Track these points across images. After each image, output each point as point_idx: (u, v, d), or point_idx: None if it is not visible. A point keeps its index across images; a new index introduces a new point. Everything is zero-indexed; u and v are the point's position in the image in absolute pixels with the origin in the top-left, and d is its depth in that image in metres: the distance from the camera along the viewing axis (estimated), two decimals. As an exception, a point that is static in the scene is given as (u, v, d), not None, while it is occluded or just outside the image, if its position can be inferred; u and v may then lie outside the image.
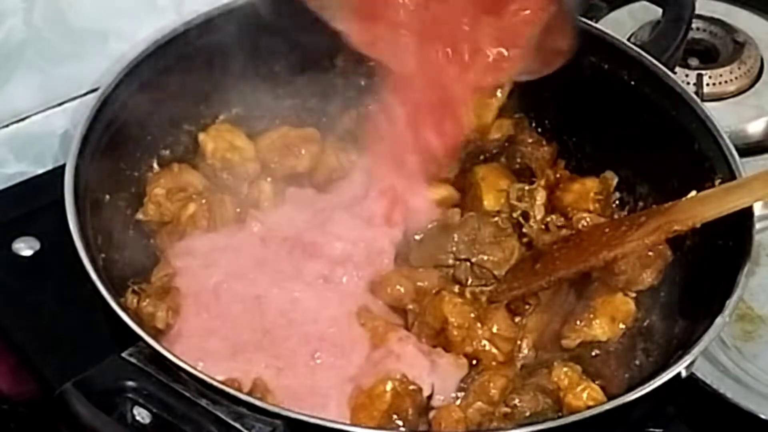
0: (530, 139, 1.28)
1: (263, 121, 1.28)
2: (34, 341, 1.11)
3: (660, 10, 1.30)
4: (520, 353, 1.11)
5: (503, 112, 1.28)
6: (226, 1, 1.22)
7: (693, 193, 1.09)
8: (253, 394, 0.98)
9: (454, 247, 1.16)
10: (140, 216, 1.18)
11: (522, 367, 1.10)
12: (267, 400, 0.98)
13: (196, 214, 1.16)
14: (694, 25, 1.51)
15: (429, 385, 1.05)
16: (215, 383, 0.92)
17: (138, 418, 0.92)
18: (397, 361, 1.05)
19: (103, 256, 1.07)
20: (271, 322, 1.08)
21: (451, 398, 1.06)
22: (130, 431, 0.91)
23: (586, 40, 1.16)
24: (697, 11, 1.34)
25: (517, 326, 1.11)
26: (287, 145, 1.24)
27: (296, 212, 1.18)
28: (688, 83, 1.40)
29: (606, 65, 1.21)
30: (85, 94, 1.26)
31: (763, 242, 1.27)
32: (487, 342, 1.09)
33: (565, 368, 1.06)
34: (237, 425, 0.90)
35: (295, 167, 1.24)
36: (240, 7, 1.22)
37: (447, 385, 1.06)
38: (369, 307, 1.11)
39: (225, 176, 1.22)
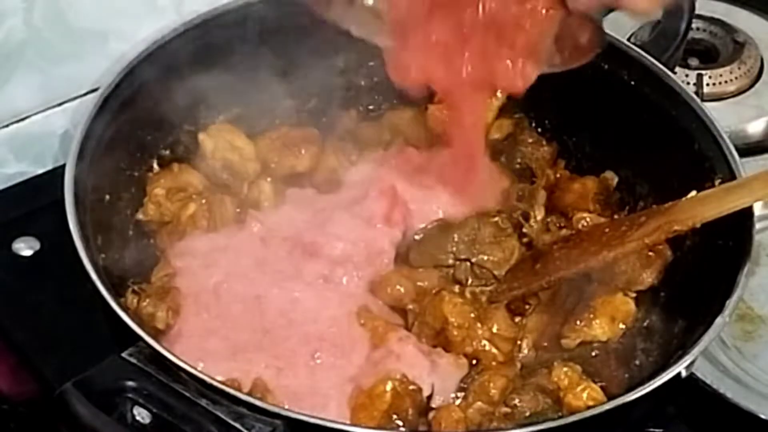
0: (530, 139, 1.28)
1: (263, 121, 1.28)
2: (34, 341, 1.11)
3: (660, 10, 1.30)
4: (520, 353, 1.11)
5: (503, 112, 1.28)
6: (226, 0, 1.22)
7: (693, 193, 1.09)
8: (253, 394, 0.98)
9: (454, 247, 1.16)
10: (140, 216, 1.18)
11: (522, 367, 1.10)
12: (267, 400, 0.98)
13: (196, 214, 1.16)
14: (694, 25, 1.51)
15: (429, 385, 1.05)
16: (215, 383, 0.92)
17: (138, 418, 0.92)
18: (397, 361, 1.05)
19: (103, 256, 1.07)
20: (271, 322, 1.08)
21: (451, 398, 1.06)
22: (130, 431, 0.91)
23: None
24: (697, 11, 1.34)
25: (517, 326, 1.11)
26: (287, 145, 1.24)
27: (296, 212, 1.18)
28: (688, 83, 1.40)
29: (606, 65, 1.21)
30: (85, 94, 1.26)
31: (763, 242, 1.27)
32: (487, 342, 1.09)
33: (565, 368, 1.06)
34: (237, 425, 0.90)
35: (295, 167, 1.24)
36: (240, 7, 1.22)
37: (447, 385, 1.06)
38: (369, 307, 1.11)
39: (225, 176, 1.22)
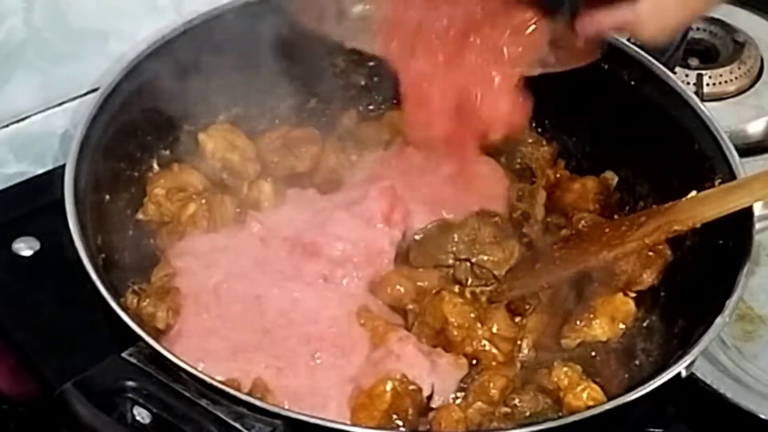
0: (530, 139, 1.28)
1: (263, 121, 1.28)
2: (34, 341, 1.11)
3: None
4: (520, 353, 1.11)
5: (503, 112, 1.28)
6: (225, 0, 1.22)
7: (693, 193, 1.09)
8: (253, 394, 0.98)
9: (454, 247, 1.16)
10: (140, 216, 1.18)
11: (522, 367, 1.10)
12: (267, 400, 0.98)
13: (196, 214, 1.16)
14: (694, 25, 1.51)
15: (429, 385, 1.05)
16: (215, 383, 0.92)
17: (138, 418, 0.92)
18: (397, 361, 1.05)
19: (103, 256, 1.07)
20: (271, 322, 1.08)
21: (451, 398, 1.06)
22: (130, 431, 0.91)
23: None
24: (698, 11, 1.34)
25: (517, 326, 1.11)
26: (287, 145, 1.24)
27: (296, 212, 1.18)
28: (688, 83, 1.40)
29: (606, 65, 1.21)
30: (85, 94, 1.26)
31: (763, 242, 1.27)
32: (487, 342, 1.09)
33: (565, 368, 1.06)
34: (237, 425, 0.90)
35: (295, 167, 1.24)
36: (240, 7, 1.22)
37: (447, 385, 1.06)
38: (369, 307, 1.11)
39: (225, 176, 1.22)
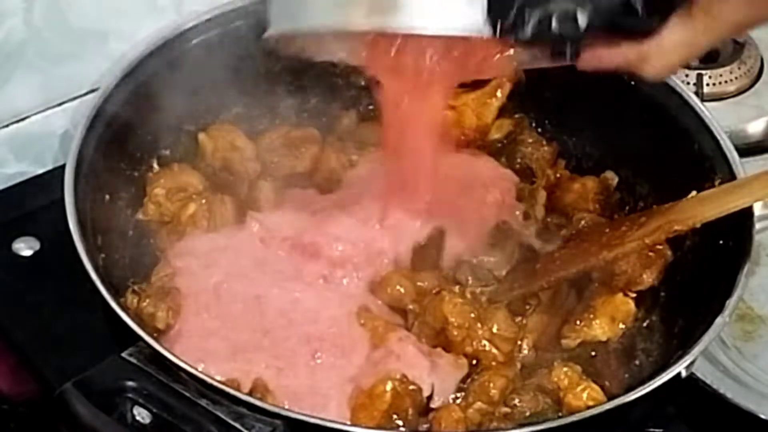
0: (530, 139, 1.28)
1: (263, 121, 1.28)
2: (34, 341, 1.11)
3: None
4: (520, 353, 1.11)
5: (503, 112, 1.28)
6: (226, 0, 1.22)
7: (693, 193, 1.09)
8: (253, 394, 0.98)
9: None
10: (140, 216, 1.18)
11: (522, 367, 1.10)
12: (267, 400, 0.98)
13: (196, 214, 1.16)
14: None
15: (429, 385, 1.05)
16: (215, 383, 0.92)
17: (138, 418, 0.92)
18: (397, 361, 1.05)
19: (103, 256, 1.07)
20: (271, 322, 1.08)
21: (450, 398, 1.06)
22: (130, 431, 0.91)
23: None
24: (698, 11, 1.34)
25: (517, 326, 1.11)
26: (287, 145, 1.24)
27: (296, 212, 1.18)
28: (688, 83, 1.40)
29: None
30: (85, 94, 1.26)
31: (763, 242, 1.27)
32: (487, 342, 1.09)
33: (565, 368, 1.06)
34: (237, 425, 0.90)
35: (295, 167, 1.24)
36: (240, 7, 1.22)
37: (447, 385, 1.06)
38: (369, 307, 1.11)
39: (225, 176, 1.22)
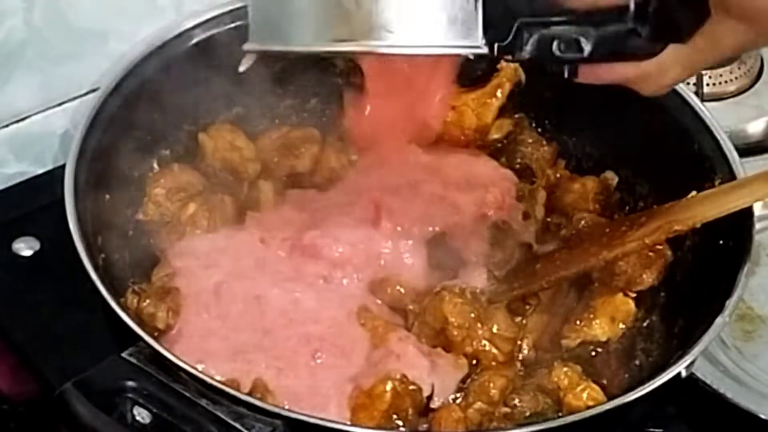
0: (530, 139, 1.28)
1: (263, 121, 1.28)
2: (34, 341, 1.11)
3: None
4: (520, 353, 1.11)
5: (503, 112, 1.28)
6: (225, 0, 1.22)
7: (693, 193, 1.09)
8: (253, 394, 0.98)
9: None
10: (140, 216, 1.18)
11: (522, 367, 1.10)
12: (267, 400, 0.98)
13: (196, 214, 1.16)
14: (694, 25, 1.51)
15: (429, 385, 1.05)
16: (215, 383, 0.92)
17: (138, 418, 0.92)
18: (397, 361, 1.05)
19: (103, 256, 1.07)
20: (271, 323, 1.08)
21: (450, 398, 1.06)
22: (130, 431, 0.91)
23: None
24: (698, 11, 1.34)
25: (517, 326, 1.11)
26: (287, 145, 1.24)
27: (296, 213, 1.18)
28: (688, 83, 1.40)
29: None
30: (85, 94, 1.26)
31: (763, 242, 1.27)
32: (487, 342, 1.09)
33: (565, 368, 1.06)
34: (237, 425, 0.90)
35: (295, 167, 1.24)
36: (240, 7, 1.22)
37: (447, 385, 1.06)
38: (369, 307, 1.11)
39: (225, 176, 1.22)
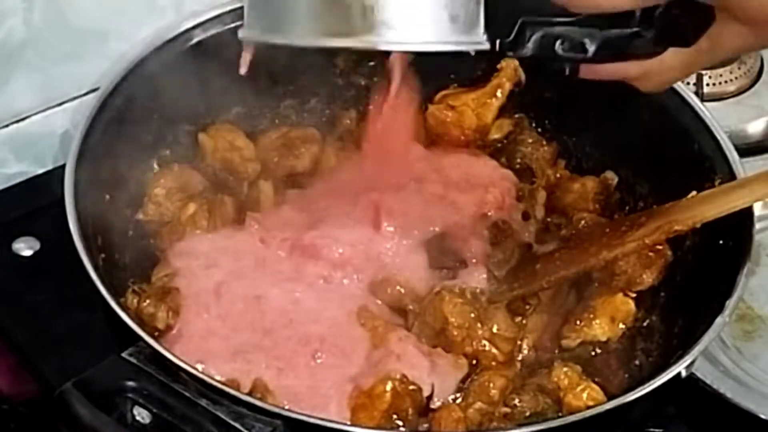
0: (530, 139, 1.28)
1: (263, 121, 1.28)
2: (34, 341, 1.11)
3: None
4: (520, 353, 1.11)
5: (503, 112, 1.28)
6: (225, 0, 1.22)
7: (693, 193, 1.09)
8: (253, 394, 0.98)
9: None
10: (140, 216, 1.18)
11: (522, 367, 1.10)
12: (267, 400, 0.98)
13: (196, 214, 1.16)
14: (694, 25, 1.51)
15: (429, 385, 1.05)
16: (215, 383, 0.92)
17: (138, 418, 0.92)
18: (397, 361, 1.05)
19: (103, 256, 1.07)
20: (271, 323, 1.08)
21: (450, 398, 1.06)
22: (130, 431, 0.91)
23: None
24: (698, 11, 1.34)
25: (517, 326, 1.11)
26: (287, 145, 1.24)
27: (296, 213, 1.18)
28: (688, 83, 1.40)
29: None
30: (85, 94, 1.26)
31: (763, 242, 1.27)
32: (487, 342, 1.09)
33: (565, 368, 1.06)
34: (237, 425, 0.90)
35: (295, 167, 1.24)
36: (240, 7, 1.21)
37: (447, 385, 1.06)
38: (369, 307, 1.11)
39: (225, 176, 1.22)
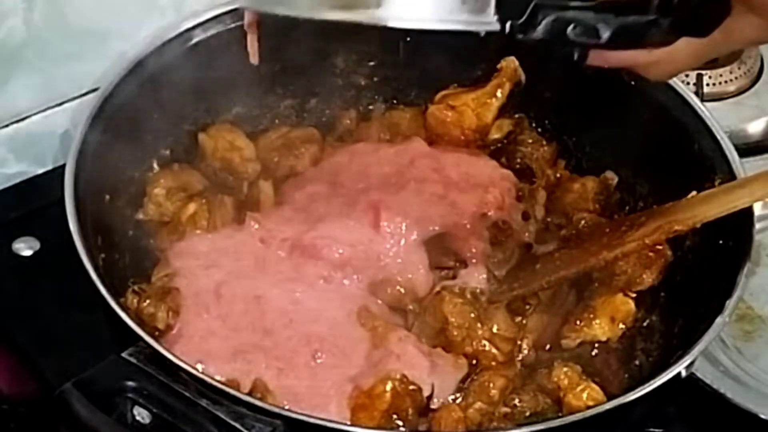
0: (530, 139, 1.28)
1: (263, 121, 1.28)
2: (34, 341, 1.11)
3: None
4: (520, 353, 1.11)
5: (503, 112, 1.28)
6: (225, 0, 1.22)
7: (693, 193, 1.09)
8: (253, 394, 0.98)
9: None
10: (140, 216, 1.18)
11: (522, 367, 1.10)
12: (267, 400, 0.98)
13: (196, 214, 1.16)
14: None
15: (429, 385, 1.05)
16: (215, 383, 0.92)
17: (138, 418, 0.92)
18: (397, 361, 1.05)
19: (103, 256, 1.07)
20: (271, 323, 1.08)
21: (450, 398, 1.06)
22: (130, 431, 0.91)
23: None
24: (697, 11, 1.34)
25: (517, 326, 1.11)
26: (287, 145, 1.24)
27: (295, 213, 1.18)
28: (688, 83, 1.40)
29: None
30: (85, 94, 1.26)
31: (763, 242, 1.27)
32: (487, 342, 1.09)
33: (565, 368, 1.06)
34: (237, 425, 0.90)
35: (295, 167, 1.24)
36: (240, 8, 1.22)
37: (447, 385, 1.06)
38: (369, 307, 1.11)
39: (225, 176, 1.22)
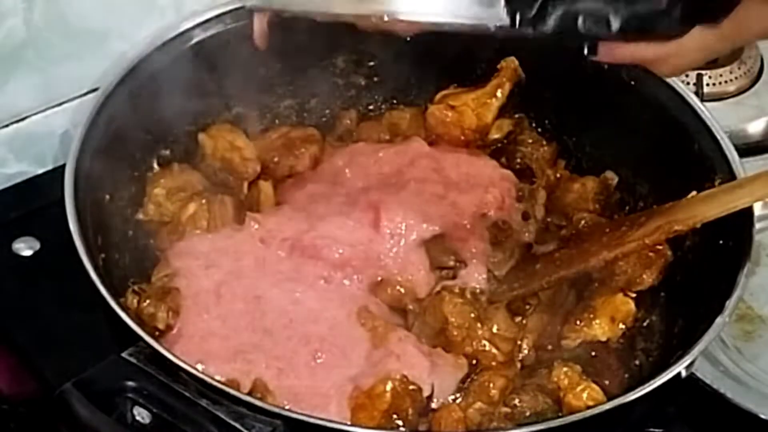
0: (530, 139, 1.28)
1: (263, 121, 1.28)
2: (34, 341, 1.11)
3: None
4: (520, 353, 1.11)
5: (503, 112, 1.28)
6: (225, 0, 1.22)
7: (693, 193, 1.09)
8: (253, 394, 0.98)
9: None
10: (140, 216, 1.18)
11: (522, 367, 1.10)
12: (267, 400, 0.98)
13: (196, 214, 1.16)
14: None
15: (429, 385, 1.05)
16: (215, 383, 0.92)
17: (138, 418, 0.92)
18: (397, 361, 1.05)
19: (103, 256, 1.07)
20: (271, 323, 1.08)
21: (450, 398, 1.06)
22: (130, 431, 0.91)
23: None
24: (698, 11, 1.34)
25: (517, 326, 1.11)
26: (287, 145, 1.24)
27: (295, 213, 1.18)
28: (688, 83, 1.40)
29: (606, 65, 1.21)
30: (85, 94, 1.26)
31: (763, 242, 1.27)
32: (487, 342, 1.09)
33: (565, 368, 1.06)
34: (237, 425, 0.90)
35: (295, 167, 1.24)
36: (240, 7, 1.22)
37: (447, 385, 1.06)
38: (369, 307, 1.11)
39: (225, 176, 1.22)
